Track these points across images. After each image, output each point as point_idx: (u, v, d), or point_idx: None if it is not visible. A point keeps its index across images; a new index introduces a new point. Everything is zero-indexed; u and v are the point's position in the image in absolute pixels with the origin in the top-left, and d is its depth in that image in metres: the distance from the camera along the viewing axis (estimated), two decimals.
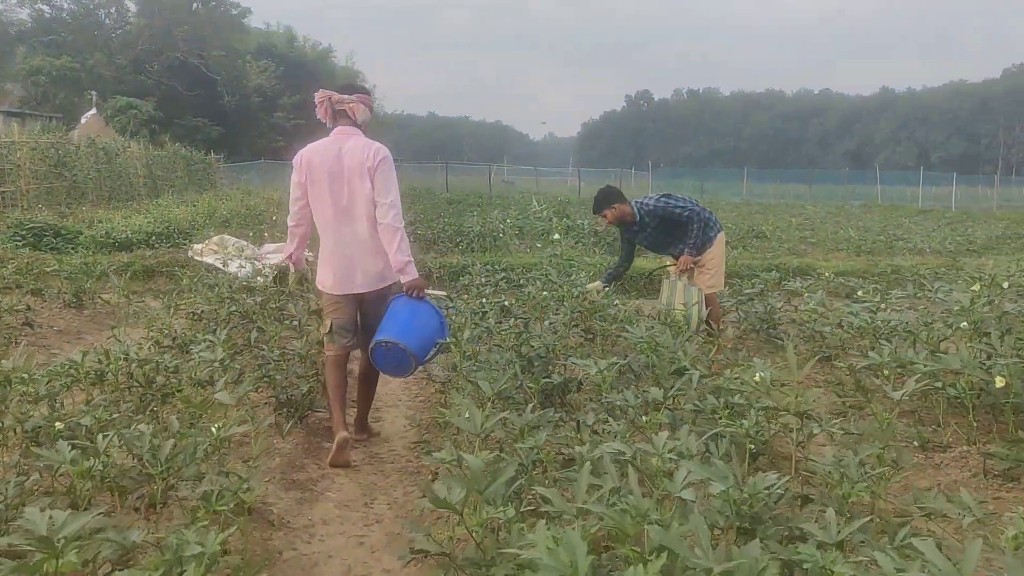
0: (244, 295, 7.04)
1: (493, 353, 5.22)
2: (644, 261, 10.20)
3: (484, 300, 6.75)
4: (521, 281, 8.80)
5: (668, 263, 7.55)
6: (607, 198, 6.93)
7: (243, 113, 47.45)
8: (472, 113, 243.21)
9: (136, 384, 3.96)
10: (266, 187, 30.72)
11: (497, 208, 18.43)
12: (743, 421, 3.06)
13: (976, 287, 4.74)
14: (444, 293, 7.32)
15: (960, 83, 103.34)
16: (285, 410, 4.64)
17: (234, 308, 6.31)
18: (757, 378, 3.43)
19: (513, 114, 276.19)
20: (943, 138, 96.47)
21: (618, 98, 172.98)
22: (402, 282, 4.39)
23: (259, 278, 7.93)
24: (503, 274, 8.79)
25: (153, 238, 11.56)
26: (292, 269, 4.92)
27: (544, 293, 6.72)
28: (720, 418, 3.37)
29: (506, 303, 6.85)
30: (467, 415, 3.02)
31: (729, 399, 3.42)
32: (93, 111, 34.96)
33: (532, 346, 4.74)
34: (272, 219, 12.71)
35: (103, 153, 19.02)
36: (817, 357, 5.65)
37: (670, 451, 2.55)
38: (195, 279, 7.97)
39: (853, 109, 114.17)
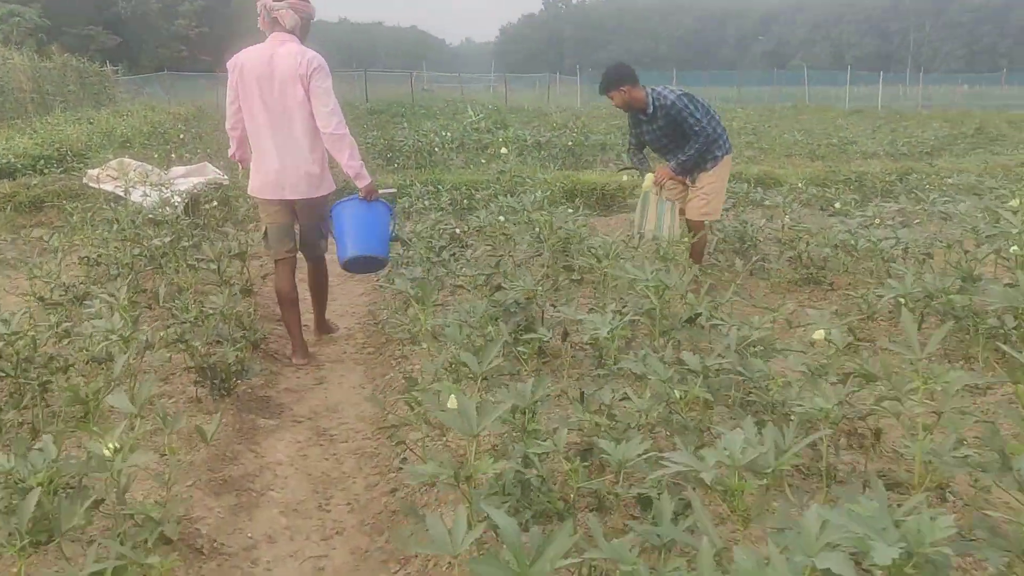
0: (150, 231, 6.00)
1: (457, 300, 4.42)
2: (595, 175, 9.40)
3: (433, 228, 5.88)
4: (467, 203, 7.92)
5: (630, 167, 6.66)
6: (620, 77, 5.76)
7: (141, 20, 44.01)
8: (386, 18, 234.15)
9: (3, 372, 3.01)
10: (171, 101, 28.60)
11: (425, 119, 17.22)
12: (817, 399, 2.33)
13: (1016, 202, 4.08)
14: (394, 189, 6.47)
15: None
16: (209, 382, 3.75)
17: (138, 251, 5.29)
18: (817, 337, 2.71)
19: (430, 19, 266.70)
20: (857, 38, 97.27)
21: (536, 0, 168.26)
22: (358, 187, 4.45)
23: (167, 208, 6.86)
24: (446, 195, 7.88)
25: (41, 162, 10.12)
26: (240, 168, 4.96)
27: (501, 218, 5.89)
28: (771, 390, 2.66)
29: (456, 231, 6.01)
30: (454, 407, 2.22)
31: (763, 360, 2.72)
32: None
33: (506, 290, 3.95)
34: (180, 137, 11.37)
35: None
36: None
37: (745, 462, 1.83)
38: (90, 212, 6.84)
39: (770, 9, 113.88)
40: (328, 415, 3.92)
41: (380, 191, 4.61)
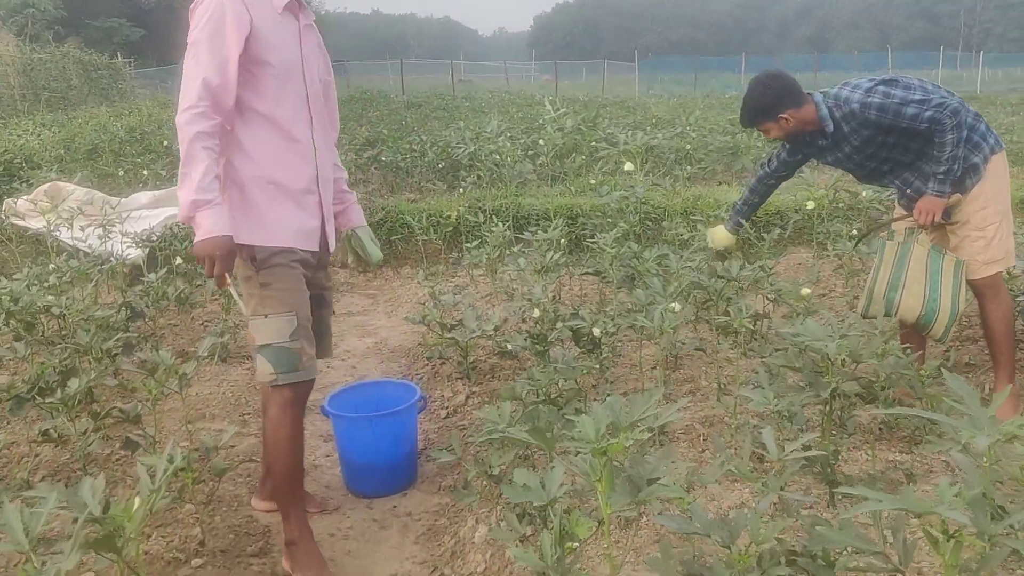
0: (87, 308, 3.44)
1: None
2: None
3: (544, 323, 3.25)
4: (572, 249, 5.23)
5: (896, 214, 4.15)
6: (778, 100, 3.49)
7: (167, 11, 41.59)
8: (418, 9, 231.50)
9: None
10: None
11: (476, 114, 14.49)
12: None
13: None
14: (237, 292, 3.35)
15: None
16: None
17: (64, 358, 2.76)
18: None
19: (462, 9, 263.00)
20: (904, 20, 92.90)
21: None
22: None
23: (115, 259, 4.33)
24: (533, 229, 5.19)
25: None
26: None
27: (675, 306, 3.25)
28: None
29: (594, 331, 3.39)
30: None
31: None
32: None
33: None
34: (163, 145, 8.75)
35: None
36: None
37: None
38: None
39: None
40: None
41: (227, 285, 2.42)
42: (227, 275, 2.33)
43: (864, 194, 5.73)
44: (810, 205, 5.48)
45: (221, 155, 2.39)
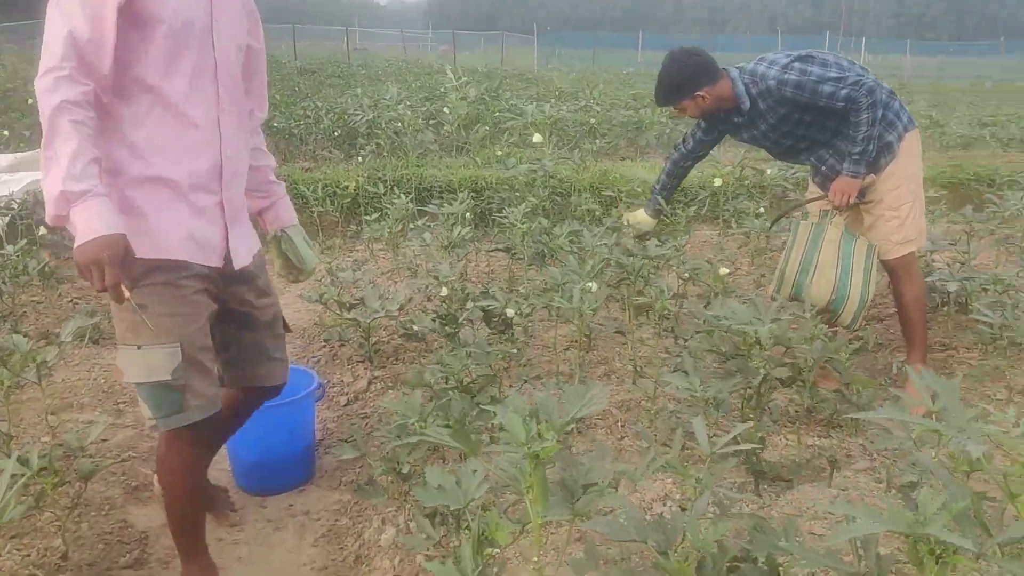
0: None
1: None
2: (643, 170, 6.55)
3: (454, 301, 3.02)
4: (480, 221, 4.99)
5: (787, 212, 4.14)
6: (694, 77, 3.38)
7: None
8: None
9: None
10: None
11: (372, 82, 13.97)
12: None
13: None
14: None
15: None
16: None
17: None
18: None
19: None
20: (790, 5, 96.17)
21: None
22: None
23: None
24: (437, 202, 4.91)
25: None
26: None
27: (591, 285, 3.10)
28: None
29: (507, 312, 3.19)
30: None
31: None
32: None
33: None
34: (28, 103, 7.99)
35: None
36: None
37: None
38: None
39: None
40: None
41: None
42: (124, 285, 1.76)
43: (769, 172, 5.72)
44: (717, 182, 5.43)
45: (100, 134, 1.82)
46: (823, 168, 3.44)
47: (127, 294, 1.77)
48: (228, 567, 2.39)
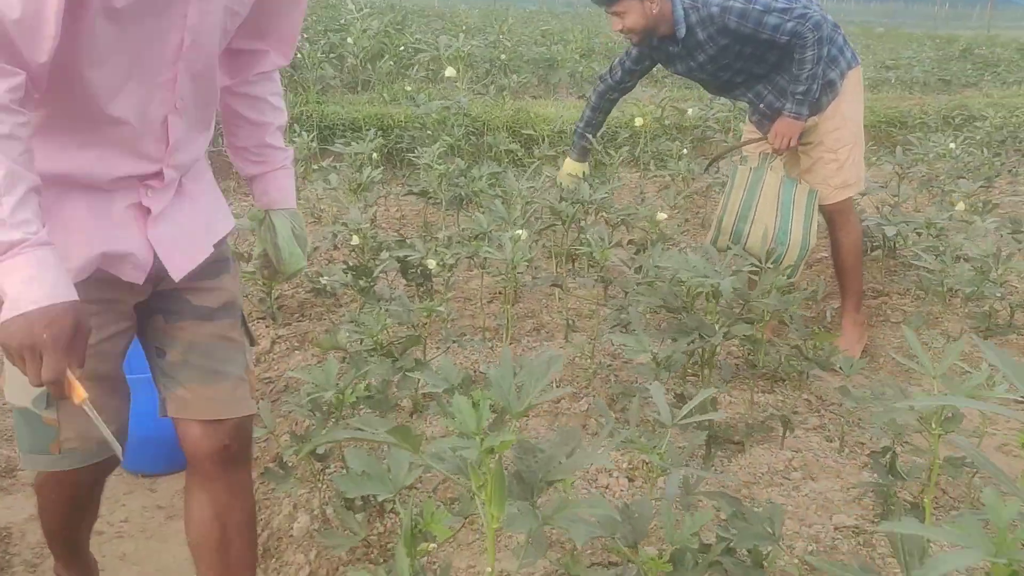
0: None
1: None
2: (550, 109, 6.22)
3: (368, 249, 2.69)
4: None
5: (723, 155, 3.93)
6: None
7: None
8: None
9: None
10: None
11: None
12: None
13: None
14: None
15: None
16: None
17: None
18: None
19: None
20: None
21: None
22: None
23: None
24: (342, 141, 4.49)
25: None
26: None
27: (520, 232, 2.81)
28: None
29: (430, 263, 2.88)
30: None
31: None
32: None
33: None
34: None
35: None
36: None
37: None
38: None
39: None
40: None
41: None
42: (72, 376, 1.23)
43: (690, 112, 5.52)
44: (638, 122, 5.18)
45: (35, 144, 1.26)
46: (761, 105, 3.23)
47: (80, 391, 1.23)
48: (110, 568, 2.04)
